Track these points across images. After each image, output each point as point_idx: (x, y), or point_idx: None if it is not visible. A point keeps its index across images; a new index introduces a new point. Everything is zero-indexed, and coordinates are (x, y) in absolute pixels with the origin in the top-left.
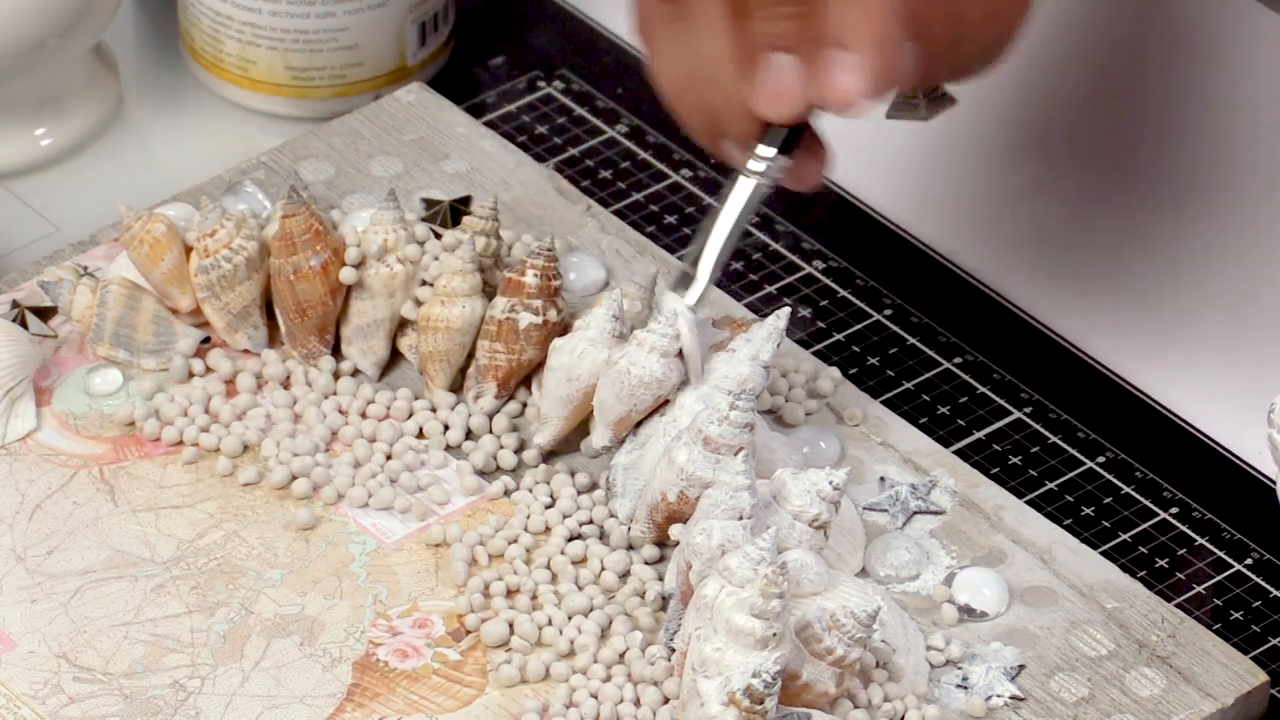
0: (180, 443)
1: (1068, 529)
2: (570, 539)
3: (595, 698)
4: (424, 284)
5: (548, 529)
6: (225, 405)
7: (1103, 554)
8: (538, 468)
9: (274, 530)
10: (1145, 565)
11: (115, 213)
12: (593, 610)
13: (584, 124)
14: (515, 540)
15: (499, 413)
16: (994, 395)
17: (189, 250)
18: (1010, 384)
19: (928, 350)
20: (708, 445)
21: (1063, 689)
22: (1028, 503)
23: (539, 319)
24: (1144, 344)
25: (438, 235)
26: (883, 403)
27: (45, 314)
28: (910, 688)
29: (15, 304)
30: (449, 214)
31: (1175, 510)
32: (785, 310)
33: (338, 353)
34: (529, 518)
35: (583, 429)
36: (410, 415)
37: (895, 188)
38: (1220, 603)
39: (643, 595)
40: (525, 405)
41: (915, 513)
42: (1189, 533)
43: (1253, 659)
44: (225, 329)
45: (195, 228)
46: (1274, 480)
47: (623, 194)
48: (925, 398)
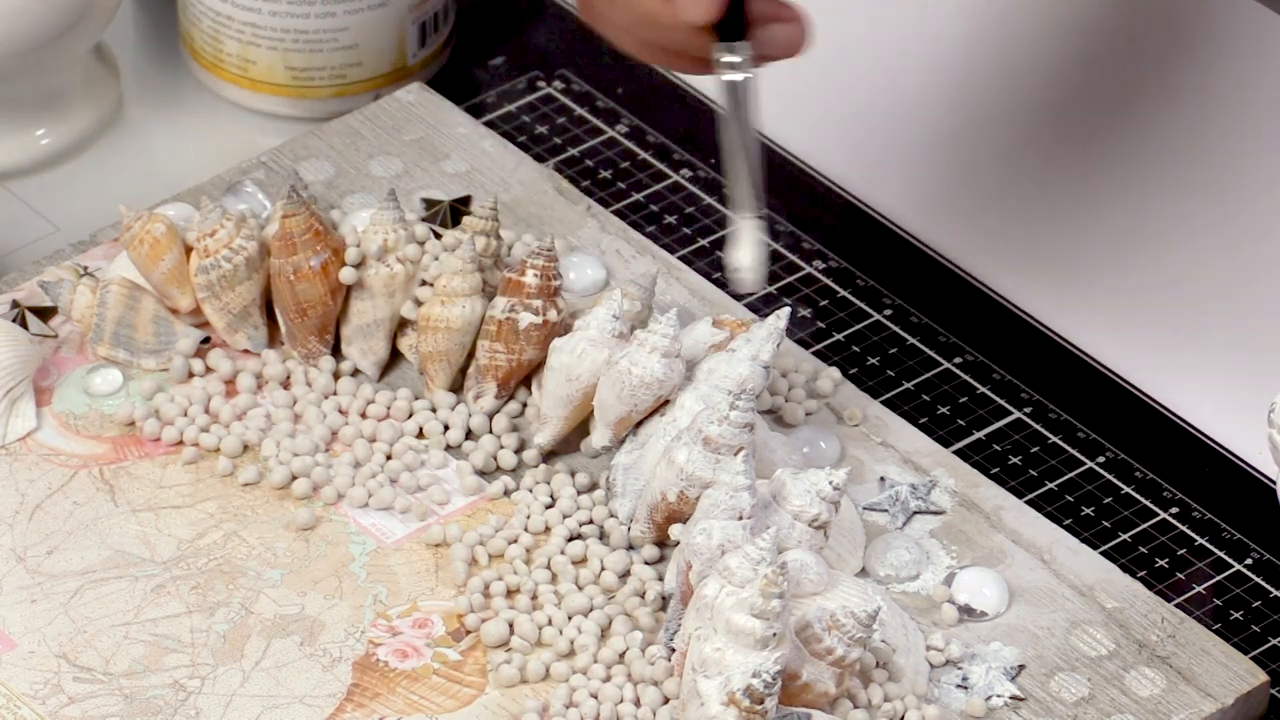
0: (180, 443)
1: (1068, 529)
2: (570, 539)
3: (595, 698)
4: (424, 284)
5: (548, 529)
6: (225, 405)
7: (1103, 554)
8: (538, 468)
9: (274, 530)
10: (1145, 565)
11: (115, 213)
12: (593, 610)
13: (584, 124)
14: (515, 540)
15: (499, 413)
16: (994, 395)
17: (189, 250)
18: (1010, 384)
19: (928, 350)
20: (708, 445)
21: (1063, 689)
22: (1028, 503)
23: (539, 319)
24: (1144, 344)
25: (438, 235)
26: (883, 403)
27: (45, 314)
28: (910, 688)
29: (15, 304)
30: (449, 214)
31: (1175, 510)
32: (785, 310)
33: (338, 353)
34: (529, 518)
35: (583, 429)
36: (410, 415)
37: (895, 188)
38: (1220, 603)
39: (643, 595)
40: (525, 405)
41: (915, 513)
42: (1189, 533)
43: (1253, 659)
44: (225, 329)
45: (195, 228)
46: (1274, 480)
47: (623, 194)
48: (925, 398)
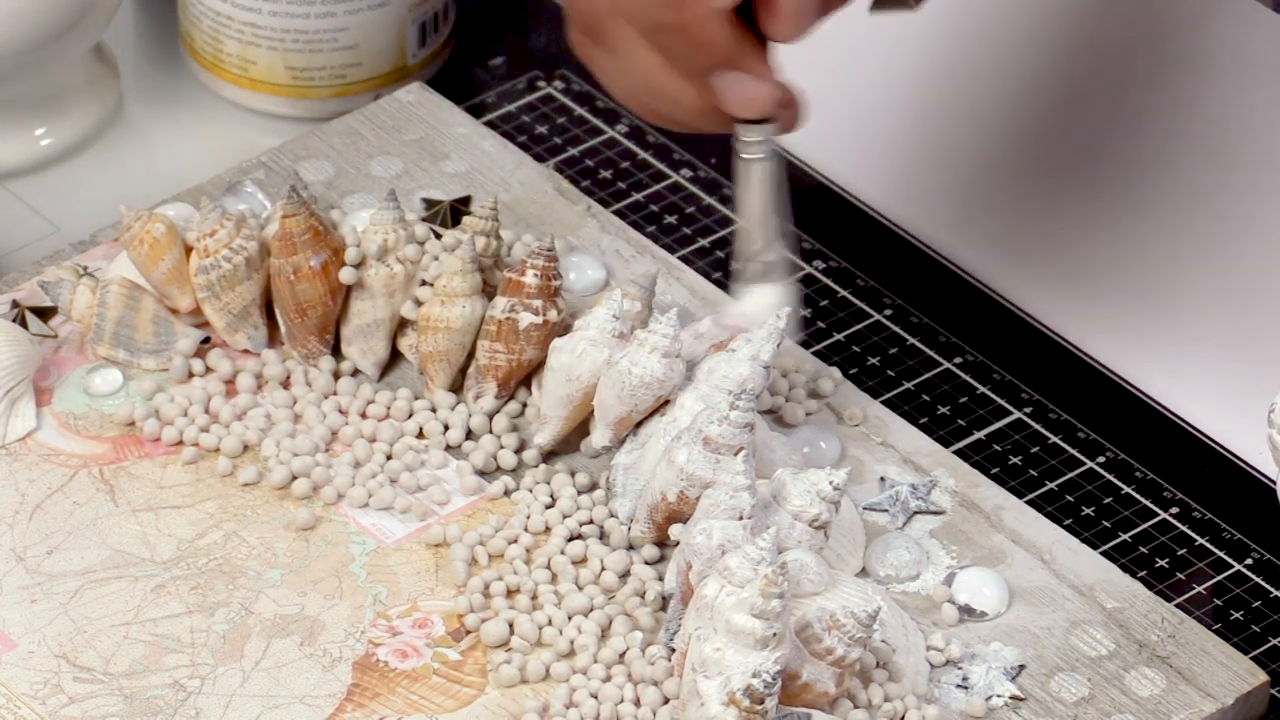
0: (180, 443)
1: (1068, 529)
2: (570, 539)
3: (595, 698)
4: (424, 284)
5: (548, 529)
6: (225, 405)
7: (1103, 554)
8: (538, 468)
9: (274, 530)
10: (1145, 565)
11: (115, 213)
12: (593, 610)
13: (584, 124)
14: (515, 540)
15: (499, 413)
16: (994, 395)
17: (189, 250)
18: (1010, 384)
19: (928, 350)
20: (708, 445)
21: (1063, 689)
22: (1028, 503)
23: (539, 319)
24: (1144, 344)
25: (438, 235)
26: (883, 403)
27: (45, 314)
28: (910, 688)
29: (15, 304)
30: (449, 214)
31: (1175, 510)
32: (785, 310)
33: (338, 353)
34: (529, 518)
35: (583, 429)
36: (410, 415)
37: (896, 188)
38: (1220, 603)
39: (643, 595)
40: (525, 405)
41: (915, 513)
42: (1189, 533)
43: (1253, 659)
44: (225, 329)
45: (195, 228)
46: (1274, 480)
47: (623, 194)
48: (925, 398)
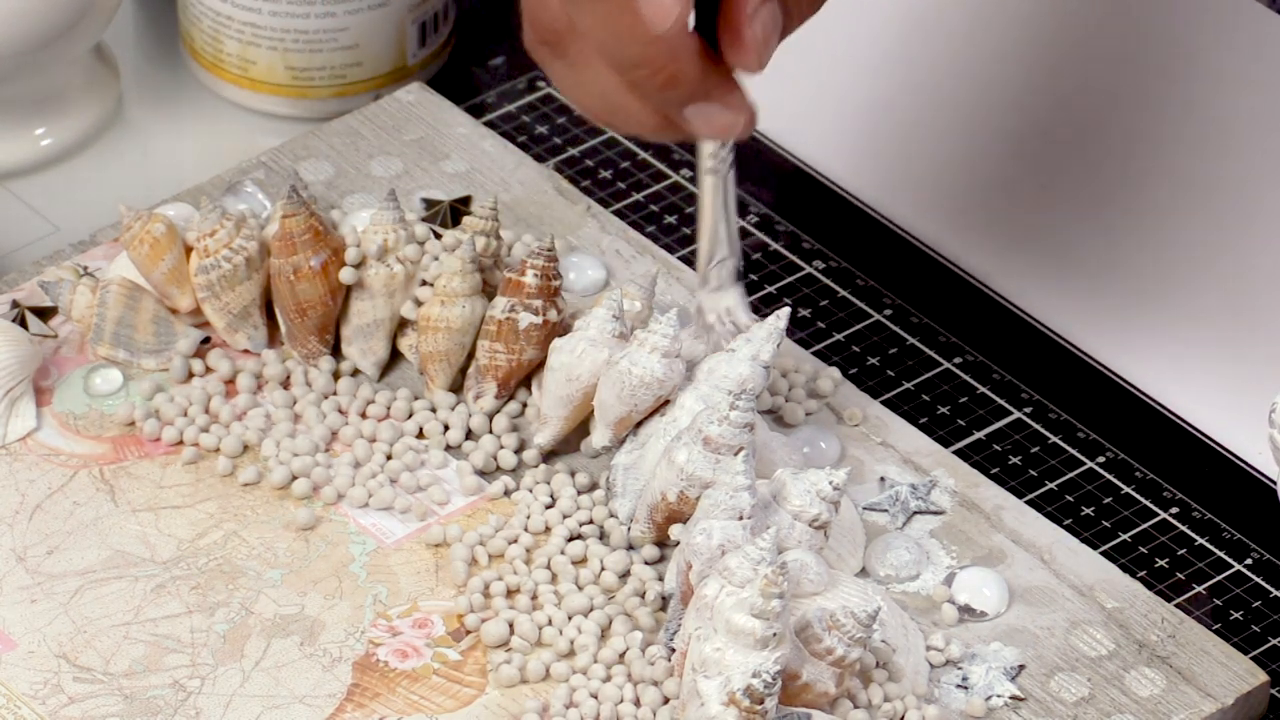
0: (180, 443)
1: (1068, 529)
2: (570, 539)
3: (595, 698)
4: (424, 284)
5: (548, 529)
6: (225, 405)
7: (1103, 554)
8: (538, 468)
9: (274, 530)
10: (1145, 565)
11: (115, 213)
12: (593, 610)
13: (584, 124)
14: (515, 540)
15: (499, 413)
16: (994, 395)
17: (189, 250)
18: (1010, 384)
19: (928, 350)
20: (708, 445)
21: (1063, 689)
22: (1028, 503)
23: (539, 319)
24: (1144, 344)
25: (438, 235)
26: (883, 403)
27: (45, 314)
28: (910, 688)
29: (15, 304)
30: (449, 214)
31: (1175, 510)
32: (785, 310)
33: (338, 353)
34: (529, 518)
35: (583, 429)
36: (410, 415)
37: (896, 188)
38: (1220, 603)
39: (643, 595)
40: (525, 405)
41: (915, 513)
42: (1189, 533)
43: (1253, 659)
44: (225, 329)
45: (195, 228)
46: (1274, 480)
47: (623, 194)
48: (925, 398)
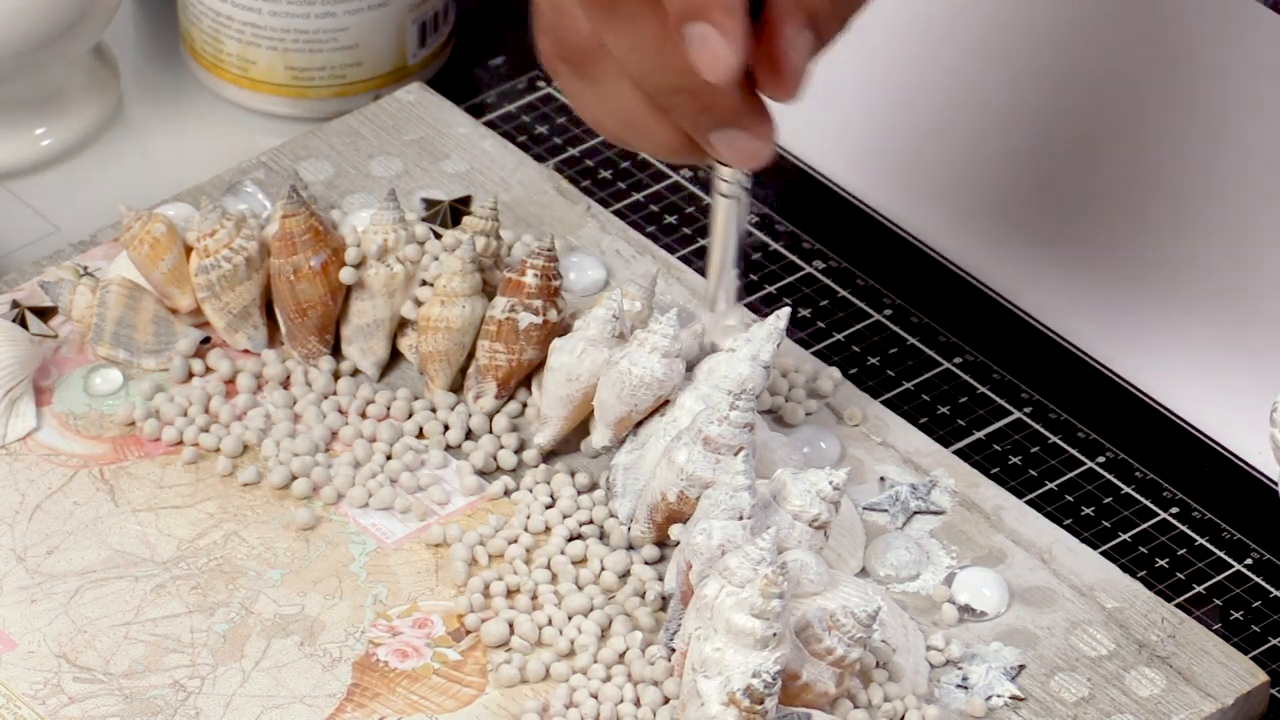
0: (180, 443)
1: (1068, 529)
2: (570, 539)
3: (595, 698)
4: (424, 284)
5: (548, 529)
6: (225, 405)
7: (1103, 554)
8: (538, 468)
9: (274, 530)
10: (1145, 565)
11: (115, 213)
12: (593, 610)
13: (584, 124)
14: (515, 540)
15: (499, 413)
16: (994, 395)
17: (189, 250)
18: (1010, 384)
19: (928, 350)
20: (708, 445)
21: (1063, 689)
22: (1028, 503)
23: (539, 319)
24: (1144, 344)
25: (438, 235)
26: (883, 403)
27: (45, 314)
28: (910, 688)
29: (15, 304)
30: (449, 214)
31: (1175, 510)
32: (785, 310)
33: (338, 353)
34: (529, 518)
35: (583, 429)
36: (410, 415)
37: (896, 188)
38: (1220, 603)
39: (643, 595)
40: (525, 405)
41: (915, 513)
42: (1189, 533)
43: (1253, 659)
44: (225, 329)
45: (195, 228)
46: (1274, 480)
47: (623, 194)
48: (925, 398)
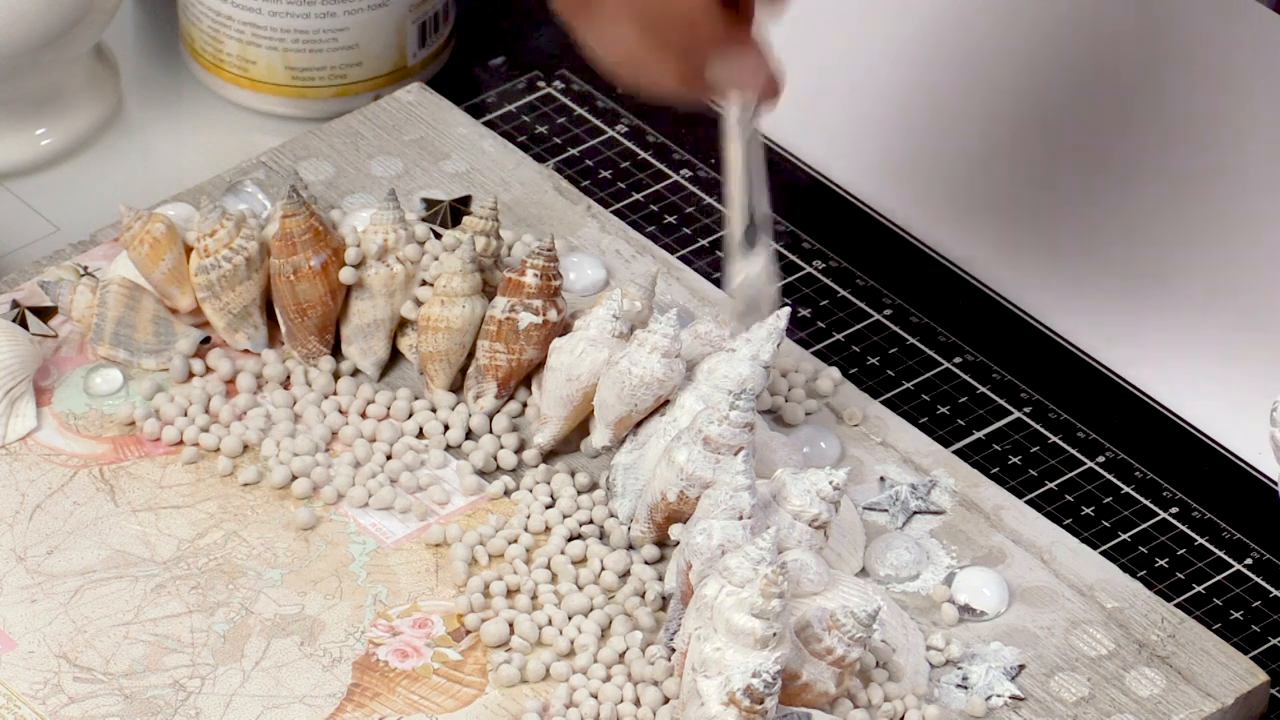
0: (180, 443)
1: (1068, 529)
2: (570, 539)
3: (595, 698)
4: (424, 284)
5: (548, 529)
6: (225, 405)
7: (1103, 554)
8: (538, 468)
9: (274, 530)
10: (1145, 565)
11: (115, 213)
12: (593, 610)
13: (584, 124)
14: (515, 540)
15: (499, 413)
16: (994, 395)
17: (189, 250)
18: (1010, 384)
19: (928, 350)
20: (708, 445)
21: (1063, 689)
22: (1028, 503)
23: (539, 319)
24: (1144, 344)
25: (438, 235)
26: (883, 403)
27: (45, 314)
28: (910, 688)
29: (15, 304)
30: (449, 214)
31: (1175, 510)
32: (785, 310)
33: (338, 353)
34: (529, 518)
35: (583, 429)
36: (410, 415)
37: (896, 188)
38: (1220, 603)
39: (643, 595)
40: (525, 405)
41: (915, 513)
42: (1189, 533)
43: (1253, 659)
44: (225, 329)
45: (195, 228)
46: (1274, 480)
47: (623, 194)
48: (925, 398)
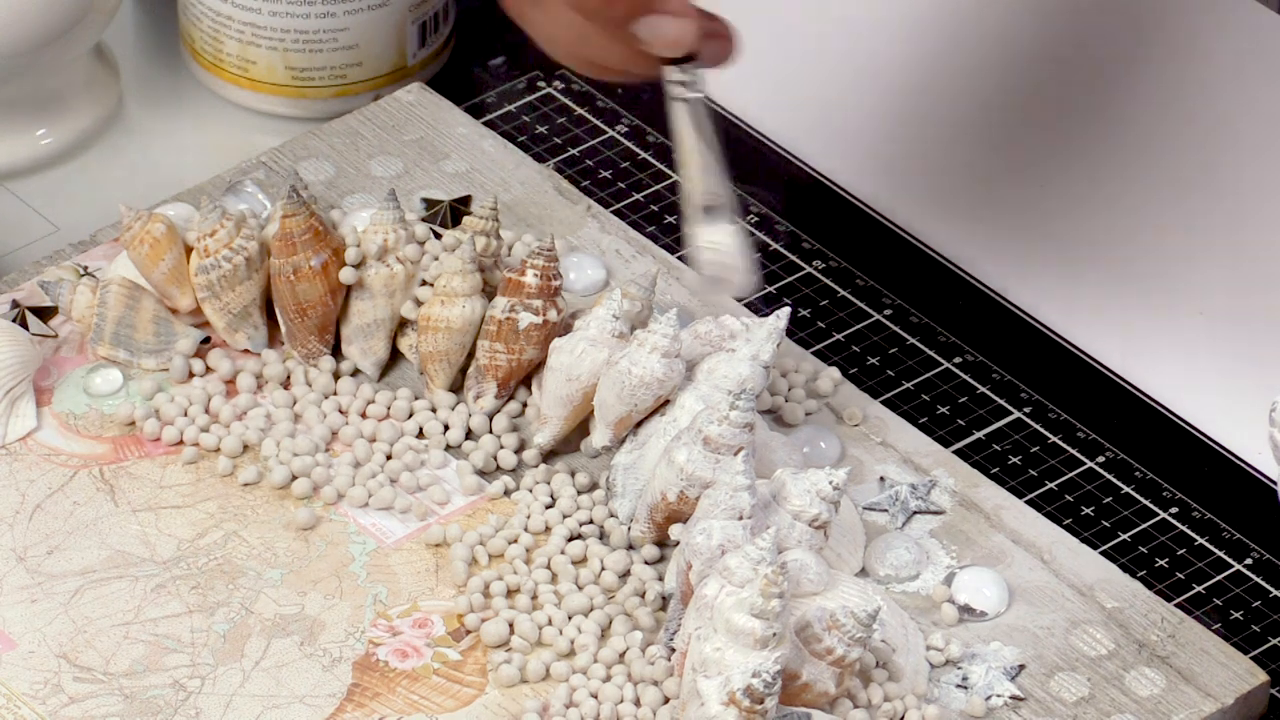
0: (180, 443)
1: (1068, 529)
2: (570, 539)
3: (595, 698)
4: (424, 284)
5: (548, 529)
6: (225, 405)
7: (1103, 554)
8: (538, 468)
9: (274, 530)
10: (1145, 565)
11: (115, 213)
12: (593, 610)
13: (584, 124)
14: (515, 540)
15: (499, 413)
16: (994, 395)
17: (189, 250)
18: (1010, 384)
19: (928, 350)
20: (708, 445)
21: (1063, 689)
22: (1028, 503)
23: (539, 319)
24: (1144, 344)
25: (438, 235)
26: (883, 403)
27: (45, 314)
28: (910, 688)
29: (15, 304)
30: (449, 214)
31: (1175, 510)
32: (785, 310)
33: (338, 353)
34: (529, 518)
35: (583, 429)
36: (410, 415)
37: (896, 188)
38: (1220, 603)
39: (643, 595)
40: (525, 405)
41: (915, 513)
42: (1189, 533)
43: (1253, 659)
44: (225, 329)
45: (195, 228)
46: (1274, 480)
47: (623, 194)
48: (925, 398)
